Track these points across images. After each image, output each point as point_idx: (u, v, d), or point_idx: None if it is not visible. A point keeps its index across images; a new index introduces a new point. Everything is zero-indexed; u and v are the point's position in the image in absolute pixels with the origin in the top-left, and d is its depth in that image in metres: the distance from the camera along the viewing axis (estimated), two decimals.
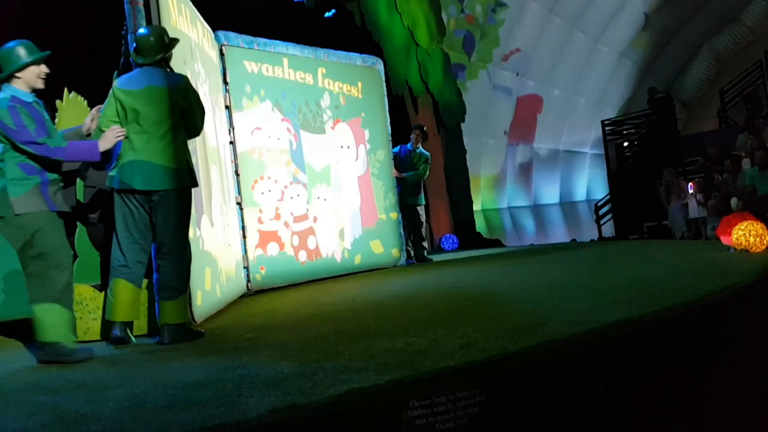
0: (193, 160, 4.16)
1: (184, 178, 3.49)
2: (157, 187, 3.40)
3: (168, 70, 3.61)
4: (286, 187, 6.15)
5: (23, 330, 3.48)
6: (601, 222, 13.72)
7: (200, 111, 3.64)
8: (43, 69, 3.18)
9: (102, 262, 3.95)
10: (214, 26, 5.60)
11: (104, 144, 3.29)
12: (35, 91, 3.21)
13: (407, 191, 7.53)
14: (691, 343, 2.88)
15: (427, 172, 7.68)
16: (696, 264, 4.38)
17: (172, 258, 3.44)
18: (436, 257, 7.95)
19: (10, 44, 3.14)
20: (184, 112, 3.50)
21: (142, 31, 3.56)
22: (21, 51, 3.12)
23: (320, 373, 2.23)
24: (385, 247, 7.12)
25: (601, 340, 2.51)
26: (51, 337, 3.04)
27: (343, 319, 3.56)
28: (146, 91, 3.45)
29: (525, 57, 14.31)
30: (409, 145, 7.64)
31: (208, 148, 4.74)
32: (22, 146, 3.06)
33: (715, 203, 9.41)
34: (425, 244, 7.68)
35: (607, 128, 14.11)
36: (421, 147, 7.67)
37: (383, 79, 7.50)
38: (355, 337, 2.92)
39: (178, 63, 4.09)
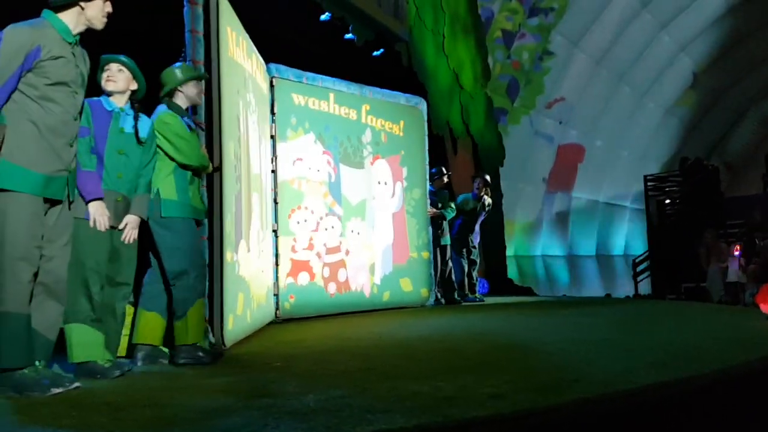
0: (237, 187, 4.26)
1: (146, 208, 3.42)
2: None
3: (169, 105, 3.63)
4: (321, 218, 6.22)
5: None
6: (638, 279, 13.44)
7: (172, 147, 3.49)
8: (111, 73, 3.26)
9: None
10: (267, 59, 5.76)
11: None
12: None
13: (439, 232, 7.58)
14: (726, 413, 2.79)
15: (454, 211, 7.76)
16: (734, 331, 4.26)
17: (171, 285, 3.48)
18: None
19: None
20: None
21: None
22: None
23: (346, 410, 2.22)
24: (414, 286, 7.10)
25: (634, 402, 2.45)
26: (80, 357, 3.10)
27: (369, 356, 3.54)
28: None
29: (569, 106, 14.33)
30: (431, 187, 7.69)
31: (252, 176, 4.84)
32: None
33: (755, 269, 9.16)
34: (455, 284, 7.67)
35: (649, 183, 13.95)
36: (443, 190, 7.81)
37: (425, 119, 7.59)
38: (381, 376, 2.90)
39: (231, 92, 4.21)
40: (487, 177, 8.30)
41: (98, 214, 3.06)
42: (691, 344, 3.57)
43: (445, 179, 7.86)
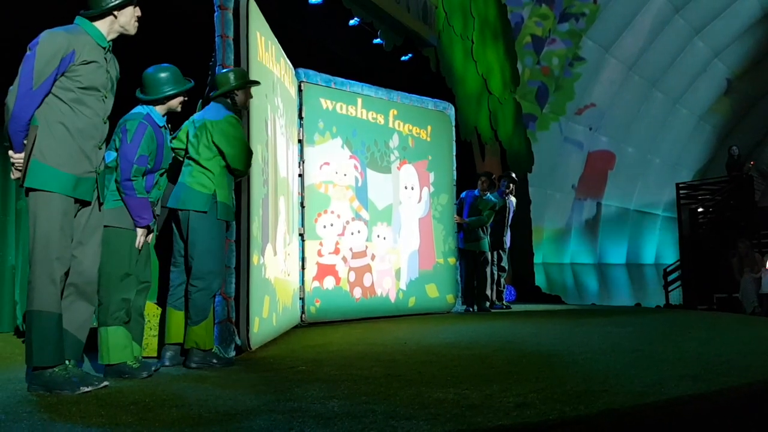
0: (264, 190, 4.29)
1: (202, 203, 3.46)
2: (178, 206, 3.50)
3: (229, 107, 3.65)
4: (347, 222, 6.23)
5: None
6: (669, 288, 13.19)
7: (232, 151, 3.50)
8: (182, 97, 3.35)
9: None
10: (296, 63, 5.81)
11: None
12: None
13: (467, 236, 7.50)
14: (759, 427, 2.71)
15: (491, 219, 7.62)
16: (767, 343, 4.15)
17: (193, 287, 3.47)
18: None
19: (162, 68, 3.29)
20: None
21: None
22: (172, 77, 3.28)
23: (370, 416, 2.21)
24: (440, 292, 7.07)
25: (664, 415, 2.39)
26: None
27: (394, 362, 3.53)
28: (200, 121, 3.58)
29: (599, 112, 14.16)
30: (476, 192, 7.62)
31: (279, 180, 4.87)
32: (120, 163, 3.12)
33: None
34: (488, 293, 7.61)
35: (681, 191, 13.70)
36: (488, 194, 7.64)
37: (453, 124, 7.56)
38: (406, 382, 2.88)
39: (260, 96, 4.25)
40: (513, 175, 8.26)
41: (144, 237, 3.22)
42: (722, 356, 3.49)
43: (479, 184, 7.66)
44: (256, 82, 3.90)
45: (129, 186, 3.12)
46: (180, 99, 3.35)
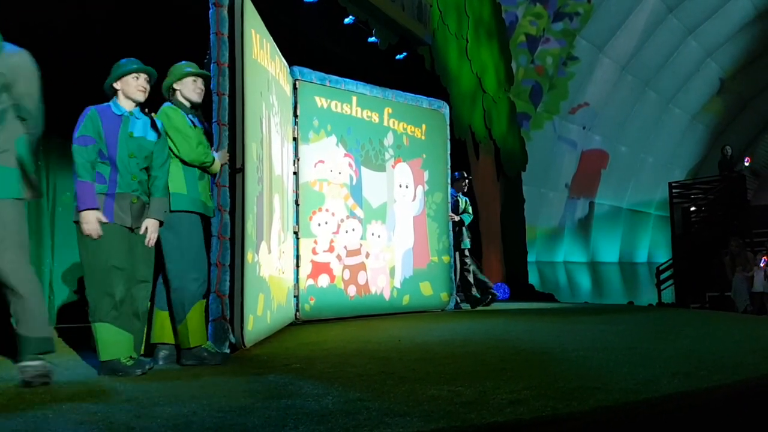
0: (259, 188, 4.29)
1: (164, 210, 3.47)
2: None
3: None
4: (342, 220, 6.23)
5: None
6: (662, 287, 13.25)
7: (173, 139, 3.52)
8: (142, 82, 3.29)
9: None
10: (291, 61, 5.80)
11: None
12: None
13: (459, 237, 7.61)
14: (750, 424, 2.73)
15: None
16: (759, 341, 4.18)
17: (170, 285, 3.49)
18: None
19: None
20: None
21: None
22: (115, 70, 3.28)
23: (364, 413, 2.22)
24: (434, 290, 7.08)
25: (656, 412, 2.41)
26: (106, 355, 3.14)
27: (388, 360, 3.54)
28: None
29: (593, 111, 14.22)
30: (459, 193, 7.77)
31: (274, 178, 4.87)
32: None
33: None
34: (473, 290, 7.69)
35: (674, 190, 13.76)
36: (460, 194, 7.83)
37: (447, 123, 7.58)
38: (400, 379, 2.89)
39: (254, 94, 4.25)
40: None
41: (85, 222, 3.10)
42: (714, 354, 3.51)
43: (465, 183, 7.87)
44: (204, 73, 3.73)
45: (75, 169, 3.09)
46: (136, 86, 3.26)
